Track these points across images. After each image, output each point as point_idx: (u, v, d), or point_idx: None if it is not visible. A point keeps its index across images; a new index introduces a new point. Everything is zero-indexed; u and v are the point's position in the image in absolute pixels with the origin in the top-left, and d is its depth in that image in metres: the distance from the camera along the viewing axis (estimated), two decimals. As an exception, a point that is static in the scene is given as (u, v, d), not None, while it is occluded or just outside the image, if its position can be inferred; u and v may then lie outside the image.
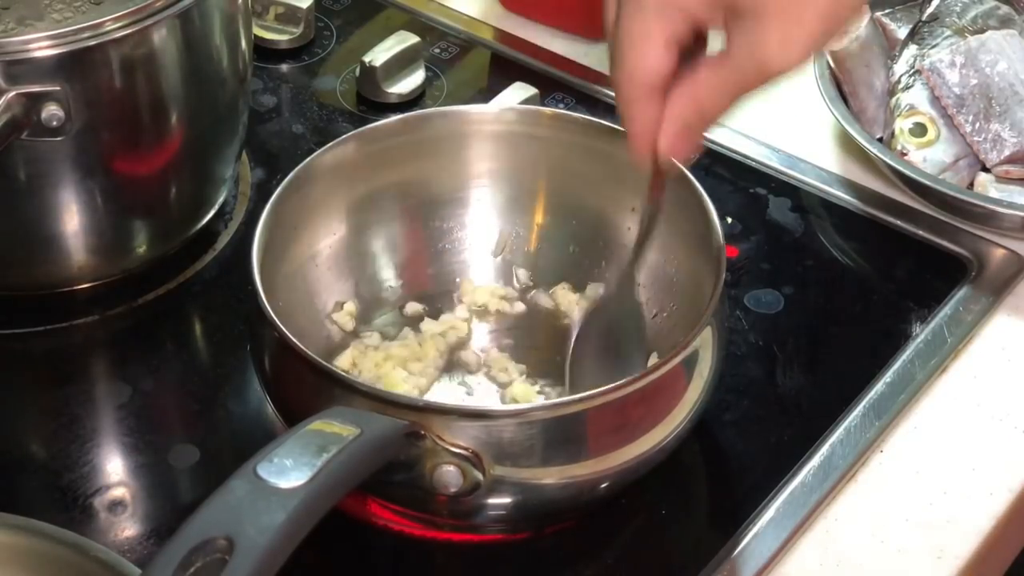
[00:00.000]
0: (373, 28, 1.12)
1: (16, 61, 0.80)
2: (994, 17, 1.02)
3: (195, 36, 0.87)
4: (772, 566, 0.78)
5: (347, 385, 0.72)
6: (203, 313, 0.93)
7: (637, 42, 0.69)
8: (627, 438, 0.74)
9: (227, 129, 0.93)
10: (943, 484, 0.82)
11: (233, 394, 0.87)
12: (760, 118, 1.04)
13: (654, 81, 0.70)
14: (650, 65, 0.70)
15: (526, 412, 0.74)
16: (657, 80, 0.70)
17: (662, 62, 0.70)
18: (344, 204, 0.86)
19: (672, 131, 0.71)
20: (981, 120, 0.97)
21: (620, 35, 0.70)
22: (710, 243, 0.78)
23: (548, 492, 0.74)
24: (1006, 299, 0.92)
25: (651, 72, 0.70)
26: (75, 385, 0.88)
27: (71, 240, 0.89)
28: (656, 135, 0.72)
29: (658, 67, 0.70)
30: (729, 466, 0.84)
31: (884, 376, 0.86)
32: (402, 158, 0.86)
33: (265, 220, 0.79)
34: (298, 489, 0.61)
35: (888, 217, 0.97)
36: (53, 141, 0.83)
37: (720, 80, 0.70)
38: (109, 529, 0.79)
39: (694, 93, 0.70)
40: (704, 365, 0.76)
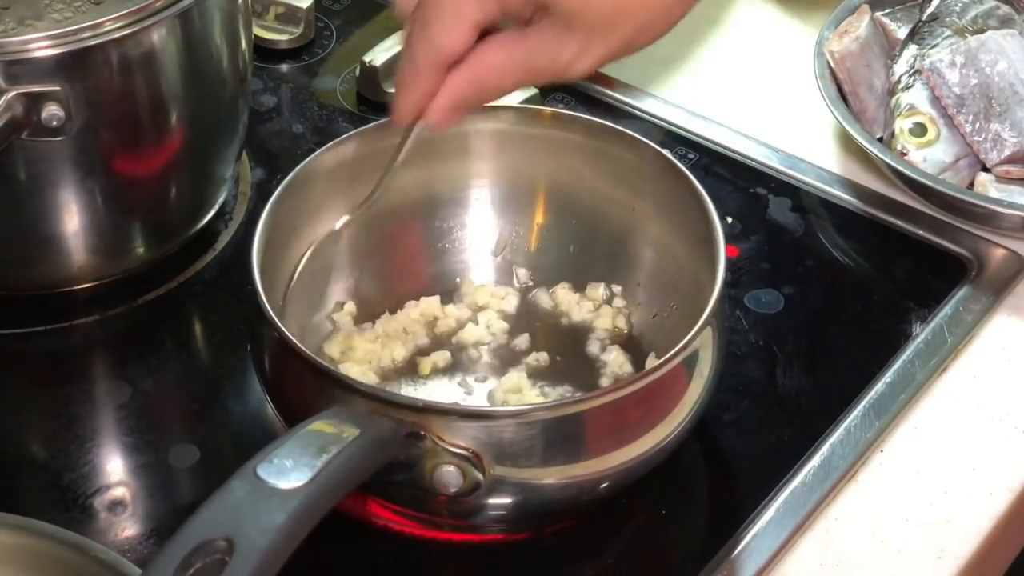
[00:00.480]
0: (373, 28, 1.12)
1: (16, 61, 0.80)
2: (994, 17, 1.02)
3: (195, 36, 0.87)
4: (772, 566, 0.78)
5: (347, 386, 0.72)
6: (203, 313, 0.93)
7: (447, 19, 0.70)
8: (627, 439, 0.74)
9: (227, 129, 0.93)
10: (943, 484, 0.82)
11: (233, 394, 0.87)
12: (760, 118, 1.04)
13: (449, 58, 0.71)
14: (451, 44, 0.71)
15: (526, 413, 0.74)
16: (452, 57, 0.71)
17: (463, 42, 0.71)
18: (344, 204, 0.86)
19: (445, 103, 0.72)
20: (981, 120, 0.97)
21: (431, 8, 0.70)
22: (711, 243, 0.78)
23: (548, 492, 0.74)
24: (1006, 299, 0.92)
25: (450, 50, 0.71)
26: (75, 385, 0.88)
27: (71, 240, 0.89)
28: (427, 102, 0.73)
29: (458, 47, 0.71)
30: (729, 466, 0.84)
31: (884, 376, 0.86)
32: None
33: (265, 220, 0.79)
34: (298, 490, 0.61)
35: (888, 217, 0.97)
36: (53, 141, 0.83)
37: (509, 64, 0.71)
38: (109, 529, 0.79)
39: (479, 72, 0.71)
40: (704, 365, 0.76)
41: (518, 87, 0.73)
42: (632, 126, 0.90)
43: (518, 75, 0.72)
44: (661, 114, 1.04)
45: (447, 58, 0.71)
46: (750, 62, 1.10)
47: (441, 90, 0.72)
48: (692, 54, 1.11)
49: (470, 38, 0.71)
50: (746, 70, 1.09)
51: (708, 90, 1.07)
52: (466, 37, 0.71)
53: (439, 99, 0.72)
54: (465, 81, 0.72)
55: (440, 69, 0.72)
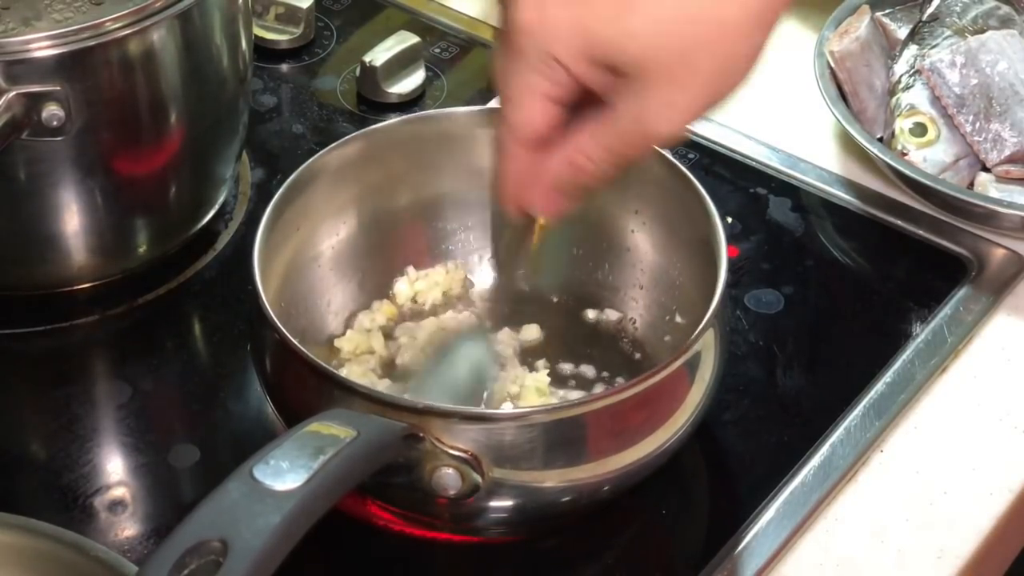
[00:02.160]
0: (373, 28, 1.12)
1: (16, 61, 0.80)
2: (994, 17, 1.02)
3: (195, 36, 0.87)
4: (772, 566, 0.78)
5: (347, 387, 0.72)
6: (203, 313, 0.93)
7: (516, 95, 0.68)
8: (627, 442, 0.74)
9: (227, 129, 0.93)
10: (943, 484, 0.82)
11: (233, 394, 0.87)
12: (760, 118, 1.04)
13: (531, 136, 0.68)
14: (527, 120, 0.68)
15: (525, 415, 0.74)
16: (534, 135, 0.68)
17: (541, 118, 0.68)
18: (347, 205, 0.86)
19: (543, 188, 0.70)
20: (981, 120, 0.97)
21: (503, 87, 0.68)
22: (712, 245, 0.78)
23: (548, 495, 0.74)
24: (1006, 299, 0.92)
25: (528, 127, 0.68)
26: (75, 385, 0.88)
27: (71, 240, 0.89)
28: (526, 188, 0.71)
29: (536, 122, 0.68)
30: (729, 466, 0.84)
31: (884, 376, 0.86)
32: (405, 159, 0.86)
33: (267, 220, 0.79)
34: (294, 491, 0.60)
35: (888, 217, 0.97)
36: (53, 141, 0.83)
37: (599, 143, 0.68)
38: (109, 529, 0.79)
39: (571, 154, 0.69)
40: (706, 368, 0.76)
41: (616, 164, 0.69)
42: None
43: (609, 149, 0.68)
44: (661, 114, 1.04)
45: (527, 135, 0.68)
46: (750, 62, 1.10)
47: (538, 178, 0.70)
48: (692, 54, 1.10)
49: (548, 113, 0.67)
50: (746, 70, 1.09)
51: (708, 90, 1.07)
52: (541, 112, 0.67)
53: (538, 187, 0.70)
54: (558, 164, 0.69)
55: (525, 148, 0.69)
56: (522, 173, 0.70)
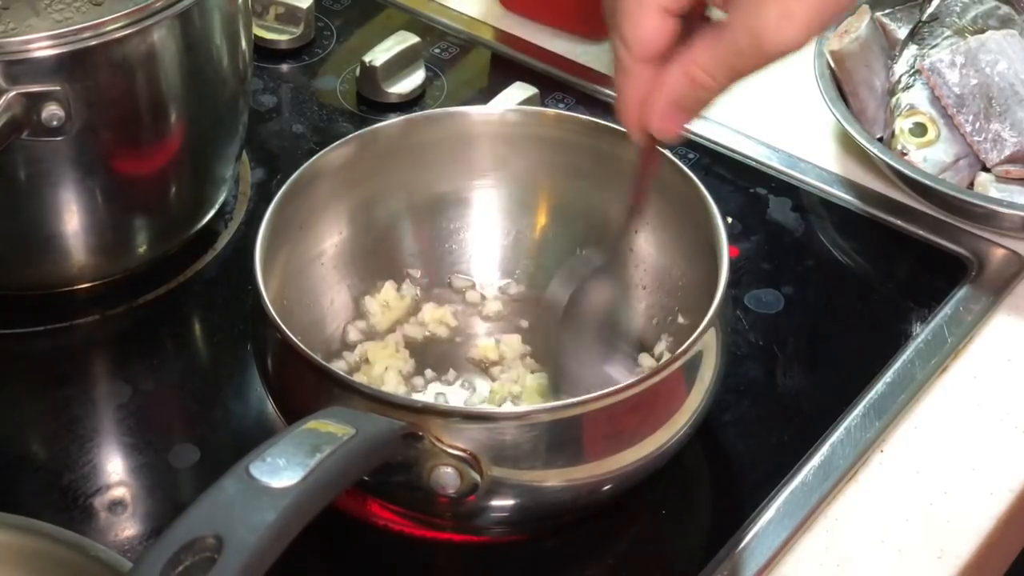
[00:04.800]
0: (373, 28, 1.12)
1: (16, 61, 0.80)
2: (994, 17, 1.02)
3: (195, 36, 0.87)
4: (772, 566, 0.78)
5: (347, 385, 0.72)
6: (203, 313, 0.93)
7: (633, 10, 0.67)
8: (628, 442, 0.74)
9: (227, 129, 0.93)
10: (943, 484, 0.82)
11: (233, 394, 0.87)
12: (760, 118, 1.04)
13: (648, 50, 0.67)
14: (644, 34, 0.67)
15: (524, 415, 0.74)
16: (651, 49, 0.67)
17: (657, 31, 0.67)
18: (349, 204, 0.86)
19: (662, 105, 0.69)
20: (981, 120, 0.97)
21: (618, 1, 0.67)
22: (713, 245, 0.78)
23: (547, 495, 0.74)
24: (1006, 299, 0.92)
25: (645, 40, 0.67)
26: (75, 385, 0.88)
27: (71, 240, 0.89)
28: (646, 107, 0.69)
29: (653, 36, 0.67)
30: (729, 466, 0.84)
31: (884, 376, 0.86)
32: (406, 159, 0.86)
33: (268, 219, 0.79)
34: (290, 489, 0.60)
35: (888, 217, 0.97)
36: (53, 141, 0.83)
37: (715, 56, 0.67)
38: (109, 529, 0.79)
39: (687, 68, 0.67)
40: (707, 369, 0.76)
41: (733, 76, 0.67)
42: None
43: (726, 64, 0.66)
44: (661, 114, 1.04)
45: (644, 52, 0.67)
46: (750, 62, 1.10)
47: (657, 94, 0.68)
48: (692, 54, 1.10)
49: (663, 26, 0.66)
50: (746, 70, 1.09)
51: (708, 90, 1.07)
52: (658, 26, 0.66)
53: (656, 102, 0.68)
54: (674, 79, 0.67)
55: (642, 65, 0.68)
56: (641, 90, 0.68)
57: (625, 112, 0.70)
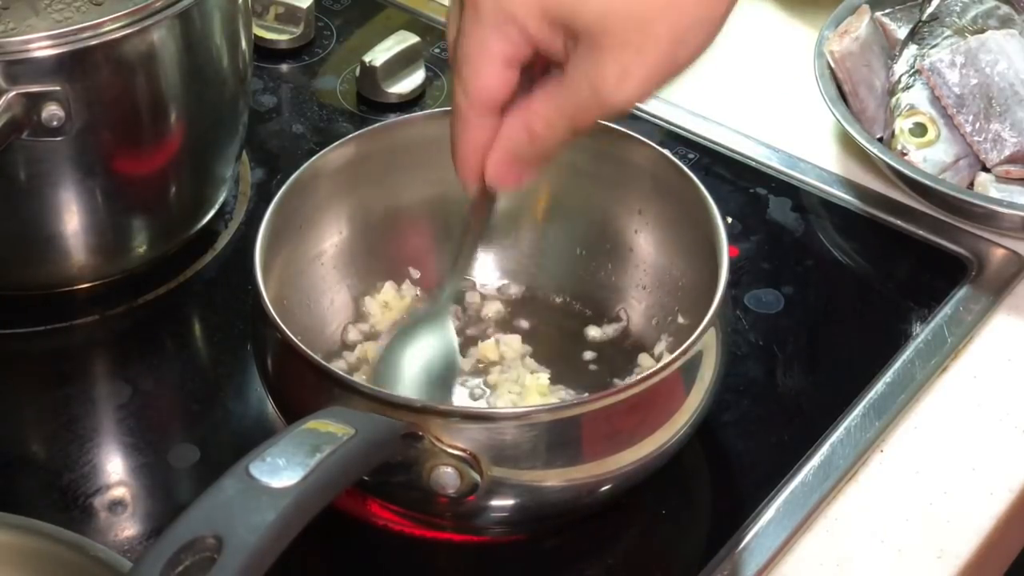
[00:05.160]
0: (373, 28, 1.12)
1: (16, 61, 0.80)
2: (994, 17, 1.02)
3: (195, 36, 0.87)
4: (772, 566, 0.78)
5: (347, 385, 0.72)
6: (203, 313, 0.93)
7: (473, 58, 0.66)
8: (628, 442, 0.74)
9: (227, 129, 0.93)
10: (943, 484, 0.82)
11: (233, 394, 0.87)
12: (760, 118, 1.04)
13: (488, 100, 0.67)
14: (484, 83, 0.67)
15: (524, 415, 0.74)
16: (491, 99, 0.67)
17: (498, 81, 0.66)
18: (349, 204, 0.86)
19: (498, 156, 0.69)
20: (981, 120, 0.97)
21: (459, 50, 0.67)
22: (714, 246, 0.78)
23: (547, 495, 0.74)
24: (1006, 299, 0.92)
25: (485, 90, 0.67)
26: (75, 385, 0.88)
27: (71, 240, 0.89)
28: (483, 157, 0.69)
29: (493, 86, 0.67)
30: (729, 466, 0.84)
31: (884, 376, 0.86)
32: (406, 159, 0.86)
33: (268, 219, 0.79)
34: (289, 489, 0.60)
35: (888, 217, 0.97)
36: (53, 141, 0.83)
37: (555, 108, 0.67)
38: (109, 529, 0.79)
39: (526, 119, 0.67)
40: (707, 368, 0.76)
41: (572, 131, 0.68)
42: (632, 126, 0.90)
43: (565, 116, 0.67)
44: (661, 114, 1.04)
45: (485, 101, 0.67)
46: (750, 62, 1.10)
47: (495, 145, 0.68)
48: (692, 54, 1.10)
49: (505, 77, 0.66)
50: (746, 70, 1.09)
51: (708, 90, 1.07)
52: (499, 76, 0.66)
53: (493, 154, 0.68)
54: (512, 129, 0.68)
55: (483, 115, 0.68)
56: (479, 141, 0.68)
57: (461, 160, 0.70)
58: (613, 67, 0.64)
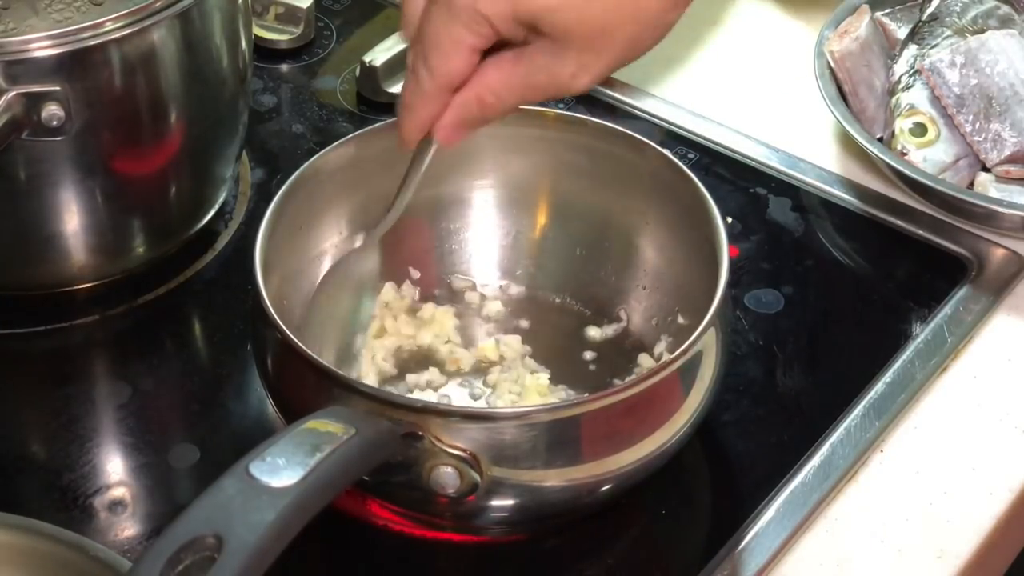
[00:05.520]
0: (373, 28, 1.12)
1: (16, 61, 0.80)
2: (994, 17, 1.02)
3: (195, 36, 0.87)
4: (772, 566, 0.78)
5: (347, 385, 0.72)
6: (203, 313, 0.93)
7: (446, 47, 0.71)
8: (628, 442, 0.74)
9: (227, 129, 0.93)
10: (943, 484, 0.82)
11: (233, 394, 0.87)
12: (760, 118, 1.04)
13: (451, 83, 0.73)
14: (451, 70, 0.72)
15: (524, 415, 0.74)
16: (453, 82, 0.73)
17: (462, 67, 0.72)
18: (349, 204, 0.86)
19: (448, 121, 0.74)
20: (981, 120, 0.97)
21: (429, 35, 0.72)
22: (714, 246, 0.78)
23: (547, 495, 0.74)
24: (1006, 299, 0.92)
25: (450, 76, 0.72)
26: (75, 385, 0.88)
27: (71, 240, 0.89)
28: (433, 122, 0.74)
29: (458, 72, 0.72)
30: (729, 466, 0.84)
31: (884, 376, 0.86)
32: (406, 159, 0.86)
33: (268, 219, 0.79)
34: (289, 488, 0.60)
35: (888, 217, 0.97)
36: (53, 141, 0.83)
37: (508, 83, 0.72)
38: (109, 529, 0.79)
39: (479, 91, 0.73)
40: (707, 368, 0.76)
41: (521, 103, 0.74)
42: (632, 126, 0.90)
43: (518, 92, 0.73)
44: (661, 114, 1.04)
45: (450, 83, 0.73)
46: (750, 62, 1.10)
47: (447, 110, 0.74)
48: (692, 54, 1.11)
49: (470, 62, 0.72)
50: (746, 70, 1.09)
51: (708, 90, 1.07)
52: (465, 62, 0.72)
53: (444, 118, 0.74)
54: (467, 100, 0.73)
55: (444, 93, 0.73)
56: (434, 112, 0.74)
57: (410, 125, 0.75)
58: (572, 64, 0.71)
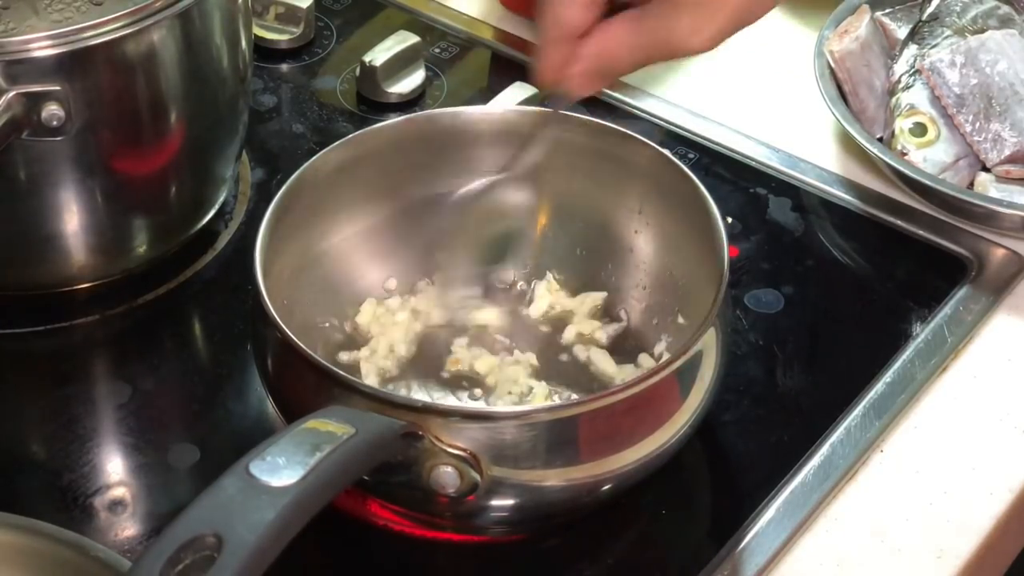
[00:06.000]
0: (373, 28, 1.12)
1: (16, 61, 0.80)
2: (994, 17, 1.02)
3: (195, 36, 0.87)
4: (772, 566, 0.78)
5: (347, 385, 0.72)
6: (203, 313, 0.93)
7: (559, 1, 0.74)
8: (628, 442, 0.74)
9: (227, 129, 0.93)
10: (943, 484, 0.82)
11: (233, 394, 0.87)
12: (760, 118, 1.04)
13: (570, 32, 0.74)
14: (569, 18, 0.74)
15: (524, 414, 0.74)
16: (573, 31, 0.74)
17: (580, 16, 0.73)
18: (348, 204, 0.86)
19: (579, 70, 0.75)
20: (981, 120, 0.97)
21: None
22: (713, 245, 0.78)
23: (547, 494, 0.74)
24: (1006, 299, 0.92)
25: (569, 24, 0.74)
26: (75, 385, 0.88)
27: (71, 240, 0.89)
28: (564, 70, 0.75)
29: (576, 21, 0.73)
30: (729, 466, 0.84)
31: (884, 376, 0.86)
32: (406, 159, 0.86)
33: (268, 219, 0.79)
34: (289, 487, 0.60)
35: (888, 217, 0.97)
36: (53, 141, 0.83)
37: (629, 42, 0.73)
38: (109, 529, 0.80)
39: (603, 44, 0.74)
40: (707, 368, 0.76)
41: (643, 61, 0.74)
42: (632, 126, 0.90)
43: (639, 49, 0.74)
44: (661, 114, 1.04)
45: (571, 31, 0.74)
46: (750, 62, 1.10)
47: (575, 60, 0.75)
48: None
49: (590, 13, 0.73)
50: (746, 70, 1.09)
51: (708, 90, 1.07)
52: (585, 12, 0.73)
53: (574, 68, 0.75)
54: (594, 52, 0.74)
55: (567, 40, 0.74)
56: (559, 61, 0.75)
57: (546, 75, 0.77)
58: (687, 22, 0.71)
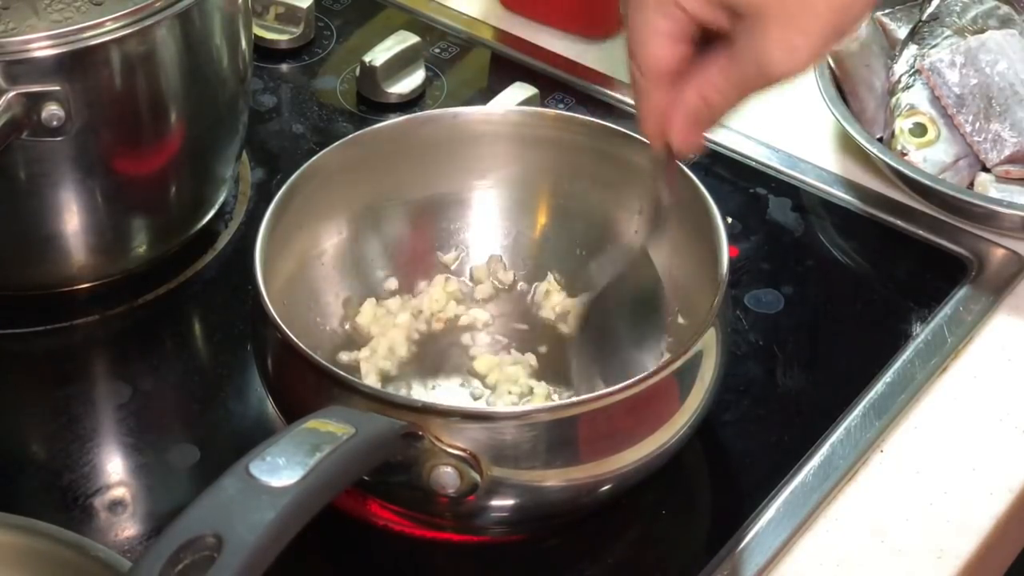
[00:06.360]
0: (373, 28, 1.12)
1: (16, 61, 0.80)
2: (994, 17, 1.02)
3: (195, 36, 0.87)
4: (772, 566, 0.78)
5: (347, 385, 0.72)
6: (203, 313, 0.93)
7: (641, 36, 0.71)
8: (628, 442, 0.74)
9: (227, 129, 0.93)
10: (943, 484, 0.82)
11: (233, 394, 0.87)
12: (760, 118, 1.04)
13: (659, 72, 0.71)
14: (654, 57, 0.71)
15: (524, 415, 0.74)
16: (661, 72, 0.71)
17: (667, 55, 0.71)
18: (349, 204, 0.86)
19: (680, 119, 0.73)
20: (981, 120, 0.97)
21: (630, 30, 0.71)
22: (713, 245, 0.78)
23: (547, 494, 0.74)
24: (1006, 299, 0.92)
25: (656, 63, 0.71)
26: (75, 385, 0.88)
27: (71, 240, 0.89)
28: (666, 121, 0.73)
29: (663, 59, 0.71)
30: (729, 466, 0.84)
31: (884, 376, 0.86)
32: (406, 159, 0.86)
33: (268, 219, 0.79)
34: (289, 488, 0.61)
35: (888, 217, 0.97)
36: (53, 141, 0.83)
37: (725, 79, 0.71)
38: (109, 529, 0.79)
39: (701, 88, 0.71)
40: (707, 368, 0.76)
41: (742, 98, 0.72)
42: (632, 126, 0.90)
43: (736, 87, 0.71)
44: (661, 114, 1.04)
45: (656, 73, 0.71)
46: (750, 62, 1.10)
47: (675, 114, 0.72)
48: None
49: (672, 52, 0.71)
50: (746, 70, 1.09)
51: (708, 90, 1.07)
52: (666, 48, 0.71)
53: (675, 119, 0.73)
54: (690, 97, 0.72)
55: (657, 84, 0.72)
56: (656, 107, 0.73)
57: (645, 126, 0.74)
58: (777, 44, 0.68)
